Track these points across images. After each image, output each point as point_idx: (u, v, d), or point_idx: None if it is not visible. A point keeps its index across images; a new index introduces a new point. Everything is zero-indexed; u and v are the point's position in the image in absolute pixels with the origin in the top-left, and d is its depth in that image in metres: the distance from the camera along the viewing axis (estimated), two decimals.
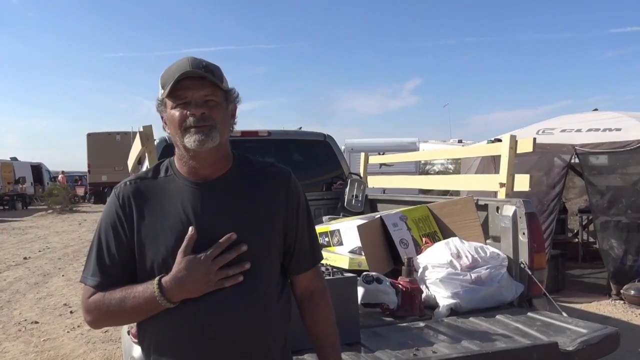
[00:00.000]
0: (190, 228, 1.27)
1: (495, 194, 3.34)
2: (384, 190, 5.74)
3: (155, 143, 3.31)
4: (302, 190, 1.46)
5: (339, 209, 4.12)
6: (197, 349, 1.28)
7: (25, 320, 5.50)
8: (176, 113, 1.29)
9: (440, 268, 2.69)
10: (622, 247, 5.84)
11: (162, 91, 1.31)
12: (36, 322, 5.39)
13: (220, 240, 1.27)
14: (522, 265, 2.76)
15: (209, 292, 1.26)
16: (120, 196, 1.35)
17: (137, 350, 2.31)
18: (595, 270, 6.97)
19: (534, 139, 3.27)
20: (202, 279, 1.24)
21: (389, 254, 3.03)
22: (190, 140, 1.28)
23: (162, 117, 1.37)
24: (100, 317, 1.31)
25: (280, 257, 1.41)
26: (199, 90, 1.29)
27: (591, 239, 7.95)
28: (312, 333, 1.47)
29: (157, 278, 1.26)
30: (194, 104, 1.29)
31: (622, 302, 5.63)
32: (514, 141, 3.27)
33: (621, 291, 5.65)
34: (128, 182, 1.39)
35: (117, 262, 1.31)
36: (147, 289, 1.25)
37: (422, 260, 2.81)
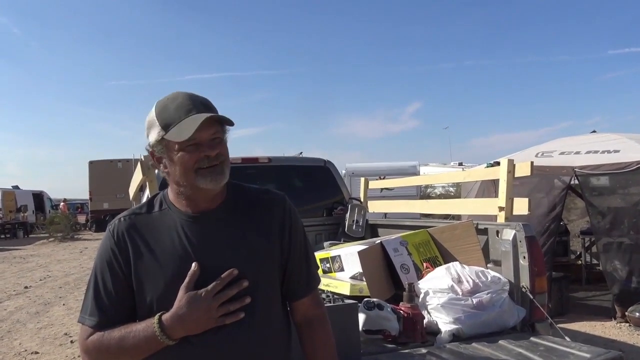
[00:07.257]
0: (193, 264, 1.25)
1: (495, 217, 3.35)
2: (385, 215, 5.74)
3: (156, 172, 3.34)
4: (297, 215, 1.44)
5: (339, 235, 4.12)
6: None
7: (26, 350, 5.45)
8: (186, 155, 1.25)
9: (441, 293, 2.68)
10: (625, 269, 5.78)
11: (162, 132, 1.26)
12: (36, 352, 5.34)
13: (222, 276, 1.24)
14: (523, 290, 2.75)
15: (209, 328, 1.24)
16: (115, 232, 1.32)
17: None
18: (599, 293, 6.90)
19: (532, 162, 3.28)
20: (204, 315, 1.22)
21: (390, 280, 3.02)
22: (206, 181, 1.25)
23: (154, 157, 1.33)
24: (100, 358, 1.28)
25: (279, 287, 1.39)
26: (208, 129, 1.24)
27: (594, 261, 7.89)
28: None
29: (157, 315, 1.24)
30: (206, 145, 1.25)
31: (627, 324, 5.56)
32: (511, 165, 3.28)
33: (626, 313, 5.58)
34: (122, 219, 1.36)
35: (114, 300, 1.28)
36: (148, 327, 1.23)
37: (423, 285, 2.80)
